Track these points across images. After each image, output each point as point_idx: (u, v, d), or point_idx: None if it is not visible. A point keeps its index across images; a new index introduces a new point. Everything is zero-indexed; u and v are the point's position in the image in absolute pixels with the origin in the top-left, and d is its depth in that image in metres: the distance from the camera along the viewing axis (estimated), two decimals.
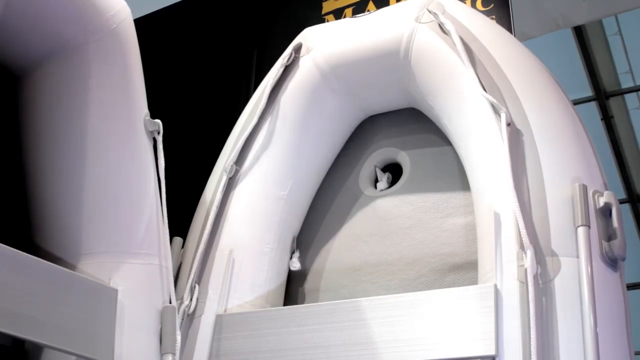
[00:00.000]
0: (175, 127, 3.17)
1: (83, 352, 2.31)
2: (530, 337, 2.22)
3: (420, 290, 2.62)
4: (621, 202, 7.83)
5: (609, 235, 2.42)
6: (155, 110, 2.71)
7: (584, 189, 2.41)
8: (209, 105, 5.13)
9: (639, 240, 8.40)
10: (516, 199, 2.41)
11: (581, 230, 2.35)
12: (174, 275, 2.67)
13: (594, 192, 2.45)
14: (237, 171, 2.98)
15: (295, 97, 3.06)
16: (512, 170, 2.46)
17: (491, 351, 2.28)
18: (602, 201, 2.43)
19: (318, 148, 3.10)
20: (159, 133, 2.66)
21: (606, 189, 2.51)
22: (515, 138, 2.54)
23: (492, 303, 2.32)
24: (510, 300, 2.32)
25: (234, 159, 2.97)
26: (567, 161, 2.51)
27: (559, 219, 2.39)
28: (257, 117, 3.02)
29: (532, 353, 2.19)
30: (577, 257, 2.32)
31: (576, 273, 2.30)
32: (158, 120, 2.67)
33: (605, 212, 2.44)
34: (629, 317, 2.40)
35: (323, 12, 4.92)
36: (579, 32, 6.78)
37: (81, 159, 2.50)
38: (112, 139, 2.55)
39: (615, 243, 2.40)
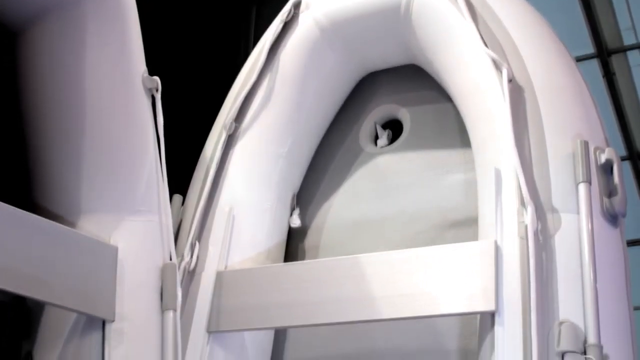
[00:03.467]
0: (174, 85, 3.14)
1: (84, 309, 2.33)
2: (530, 293, 2.23)
3: (421, 246, 2.62)
4: (621, 159, 7.79)
5: (609, 191, 2.42)
6: (153, 68, 2.69)
7: (586, 145, 2.40)
8: (208, 62, 5.09)
9: (638, 198, 8.40)
10: (517, 155, 2.40)
11: (582, 187, 2.35)
12: (174, 233, 2.67)
13: (596, 149, 2.44)
14: (236, 128, 2.96)
15: (294, 54, 3.03)
16: (513, 126, 2.45)
17: (491, 307, 2.29)
18: (603, 158, 2.43)
19: (318, 105, 3.08)
20: (157, 90, 2.64)
21: (607, 146, 2.50)
22: (517, 94, 2.53)
23: (492, 259, 2.33)
24: (510, 256, 2.32)
25: (234, 116, 2.96)
26: (568, 117, 2.50)
27: (560, 175, 2.39)
28: (256, 74, 3.00)
29: (531, 308, 2.21)
30: (578, 213, 2.32)
31: (576, 229, 2.30)
32: (156, 78, 2.65)
33: (606, 169, 2.43)
34: (629, 273, 2.41)
35: None
36: None
37: (79, 117, 2.48)
38: (110, 97, 2.53)
39: (616, 199, 2.40)
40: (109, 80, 2.53)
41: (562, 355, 2.17)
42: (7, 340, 2.52)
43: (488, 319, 2.34)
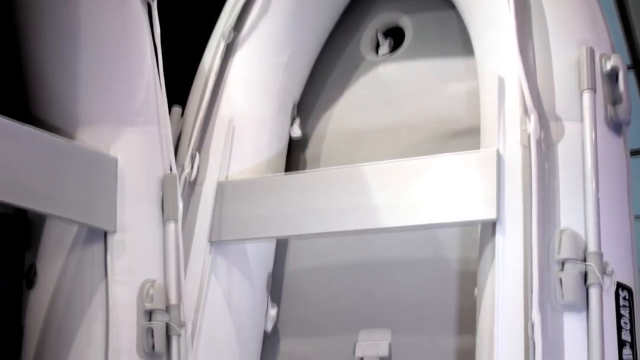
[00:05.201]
0: None
1: (85, 220, 2.34)
2: (531, 201, 2.22)
3: (422, 155, 2.61)
4: (627, 68, 7.67)
5: (614, 99, 2.38)
6: None
7: (591, 52, 2.36)
8: None
9: None
10: (521, 62, 2.36)
11: (586, 94, 2.32)
12: (173, 144, 2.66)
13: (601, 56, 2.40)
14: (235, 37, 2.91)
15: None
16: (518, 33, 2.41)
17: (492, 215, 2.30)
18: (609, 65, 2.39)
19: (318, 12, 3.01)
20: None
21: (613, 52, 2.46)
22: (522, 0, 2.47)
23: (494, 168, 2.32)
24: (512, 165, 2.31)
25: (232, 24, 2.89)
26: (574, 23, 2.45)
27: (565, 82, 2.36)
28: None
29: (532, 217, 2.21)
30: (581, 121, 2.30)
31: (580, 137, 2.28)
32: None
33: (611, 76, 2.39)
34: (631, 181, 2.41)
35: None
36: None
37: (75, 26, 2.44)
38: (104, 6, 2.47)
39: (621, 107, 2.37)
40: None
41: (562, 262, 2.18)
42: (9, 253, 2.55)
43: (489, 228, 2.34)
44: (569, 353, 2.12)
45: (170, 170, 2.56)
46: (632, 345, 2.19)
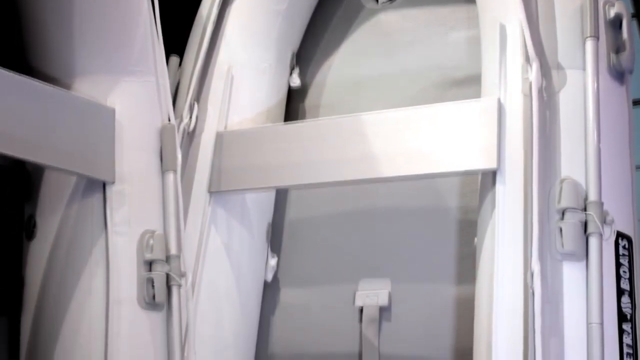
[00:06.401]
0: None
1: (83, 171, 2.33)
2: (532, 151, 2.21)
3: (423, 104, 2.59)
4: None
5: (617, 47, 2.35)
6: None
7: None
8: None
9: None
10: (523, 9, 2.33)
11: (589, 42, 2.28)
12: (172, 94, 2.64)
13: (605, 2, 2.36)
14: None
15: None
16: None
17: (492, 164, 2.29)
18: (612, 12, 2.35)
19: None
20: None
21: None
22: None
23: (495, 116, 2.31)
24: (513, 114, 2.30)
25: None
26: None
27: (567, 30, 2.32)
28: None
29: (533, 166, 2.20)
30: (584, 69, 2.27)
31: (582, 86, 2.26)
32: None
33: (615, 24, 2.36)
34: (632, 131, 2.39)
35: None
36: None
37: None
38: None
39: (624, 55, 2.34)
40: None
41: (562, 212, 2.17)
42: (8, 204, 2.54)
43: (489, 177, 2.34)
44: (568, 301, 2.13)
45: (169, 120, 2.54)
46: (631, 294, 2.20)
